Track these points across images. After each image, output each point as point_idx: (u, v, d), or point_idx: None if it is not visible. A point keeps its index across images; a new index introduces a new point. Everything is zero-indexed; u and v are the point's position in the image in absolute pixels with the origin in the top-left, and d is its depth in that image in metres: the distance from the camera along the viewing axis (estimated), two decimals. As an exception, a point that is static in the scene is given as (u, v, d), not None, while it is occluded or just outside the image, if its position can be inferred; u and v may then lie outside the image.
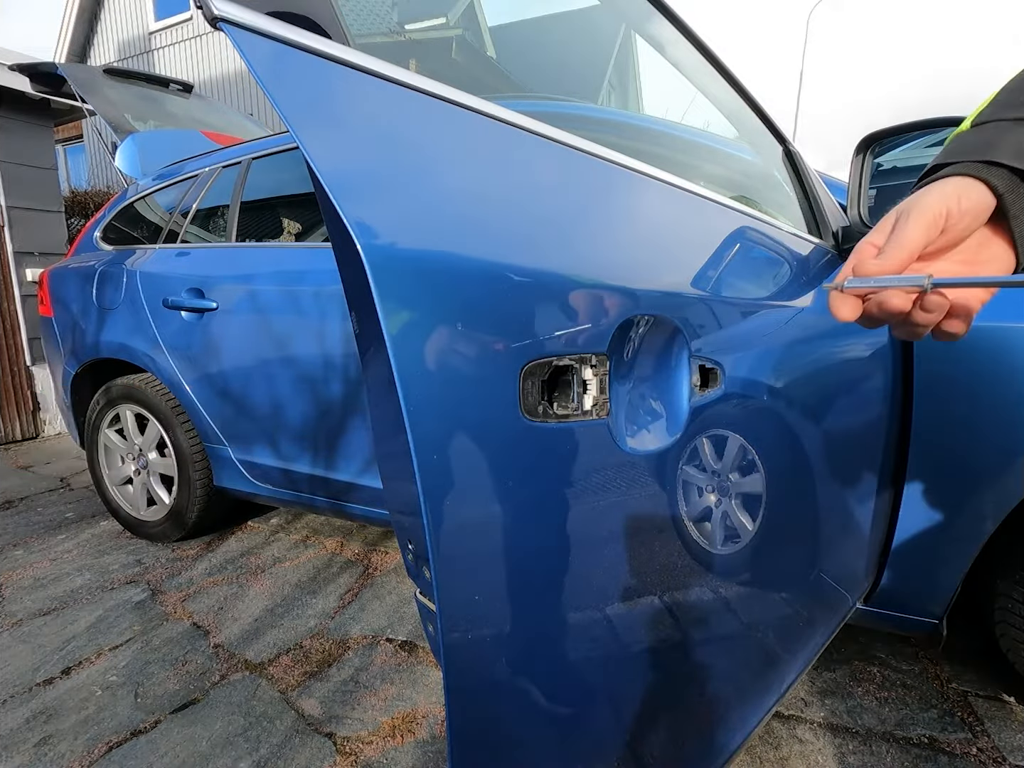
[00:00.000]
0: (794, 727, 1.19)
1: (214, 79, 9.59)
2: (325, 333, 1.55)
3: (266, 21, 0.39)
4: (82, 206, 5.68)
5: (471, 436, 0.42)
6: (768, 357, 0.79)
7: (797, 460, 0.87)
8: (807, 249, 1.04)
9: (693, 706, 0.70)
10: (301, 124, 0.38)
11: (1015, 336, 0.97)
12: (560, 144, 0.58)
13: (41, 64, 3.02)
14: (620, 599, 0.57)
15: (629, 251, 0.62)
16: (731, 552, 0.75)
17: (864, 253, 0.43)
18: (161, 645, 1.49)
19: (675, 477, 0.63)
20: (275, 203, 2.05)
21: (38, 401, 3.73)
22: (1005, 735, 1.15)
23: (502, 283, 0.45)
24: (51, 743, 1.17)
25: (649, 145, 1.08)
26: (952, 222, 0.40)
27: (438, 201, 0.44)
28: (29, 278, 3.57)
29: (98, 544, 2.12)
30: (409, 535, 0.54)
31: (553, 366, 0.48)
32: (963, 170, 0.41)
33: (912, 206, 0.41)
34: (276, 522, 2.29)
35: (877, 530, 1.09)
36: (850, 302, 0.42)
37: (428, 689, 1.31)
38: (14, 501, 2.56)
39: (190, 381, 1.86)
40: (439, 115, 0.48)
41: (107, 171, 9.67)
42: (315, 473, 1.71)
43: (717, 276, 0.73)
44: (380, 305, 0.36)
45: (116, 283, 2.03)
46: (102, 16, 10.53)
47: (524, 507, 0.46)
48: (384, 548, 2.04)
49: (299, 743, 1.16)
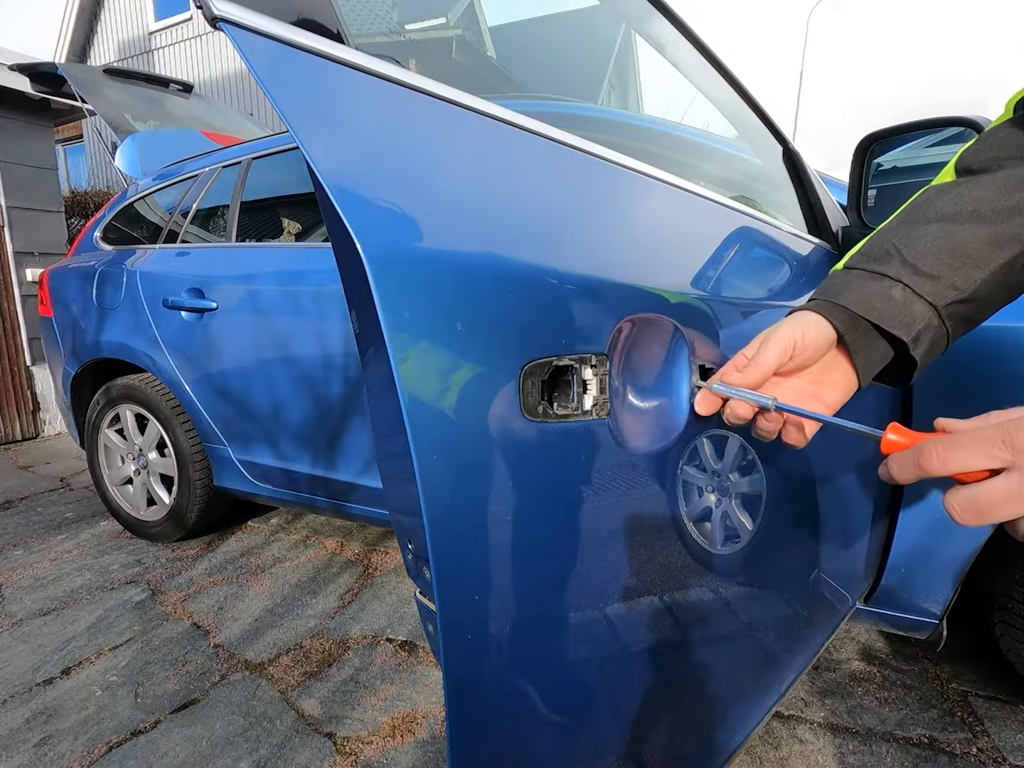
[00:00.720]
0: (794, 727, 1.19)
1: (214, 79, 9.59)
2: (325, 333, 1.55)
3: (266, 21, 0.39)
4: (82, 206, 5.68)
5: (471, 436, 0.42)
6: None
7: (797, 459, 0.87)
8: (807, 249, 1.04)
9: (693, 706, 0.70)
10: (301, 124, 0.38)
11: (1015, 335, 0.97)
12: (560, 144, 0.58)
13: (41, 64, 3.02)
14: (620, 599, 0.57)
15: (629, 251, 0.62)
16: (731, 552, 0.75)
17: (735, 363, 0.52)
18: (161, 645, 1.49)
19: (675, 477, 0.63)
20: (275, 203, 2.05)
21: (38, 401, 3.73)
22: (1005, 735, 1.15)
23: (502, 283, 0.45)
24: (51, 743, 1.17)
25: (649, 145, 1.08)
26: (798, 351, 0.49)
27: (438, 201, 0.44)
28: (29, 278, 3.57)
29: (98, 544, 2.12)
30: (409, 535, 0.54)
31: (553, 366, 0.48)
32: (816, 307, 0.51)
33: (771, 334, 0.50)
34: (276, 522, 2.29)
35: (877, 529, 1.09)
36: (710, 400, 0.53)
37: (428, 689, 1.31)
38: (14, 501, 2.56)
39: (190, 381, 1.86)
40: (439, 115, 0.48)
41: (107, 171, 9.68)
42: (315, 473, 1.71)
43: (717, 276, 0.73)
44: (380, 305, 0.36)
45: (116, 283, 2.03)
46: (102, 16, 10.53)
47: (524, 507, 0.46)
48: (384, 548, 2.04)
49: (299, 743, 1.16)
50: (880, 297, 0.49)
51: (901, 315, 0.48)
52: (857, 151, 1.13)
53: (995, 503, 0.33)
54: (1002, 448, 0.33)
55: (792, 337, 0.49)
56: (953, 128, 1.11)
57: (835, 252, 1.12)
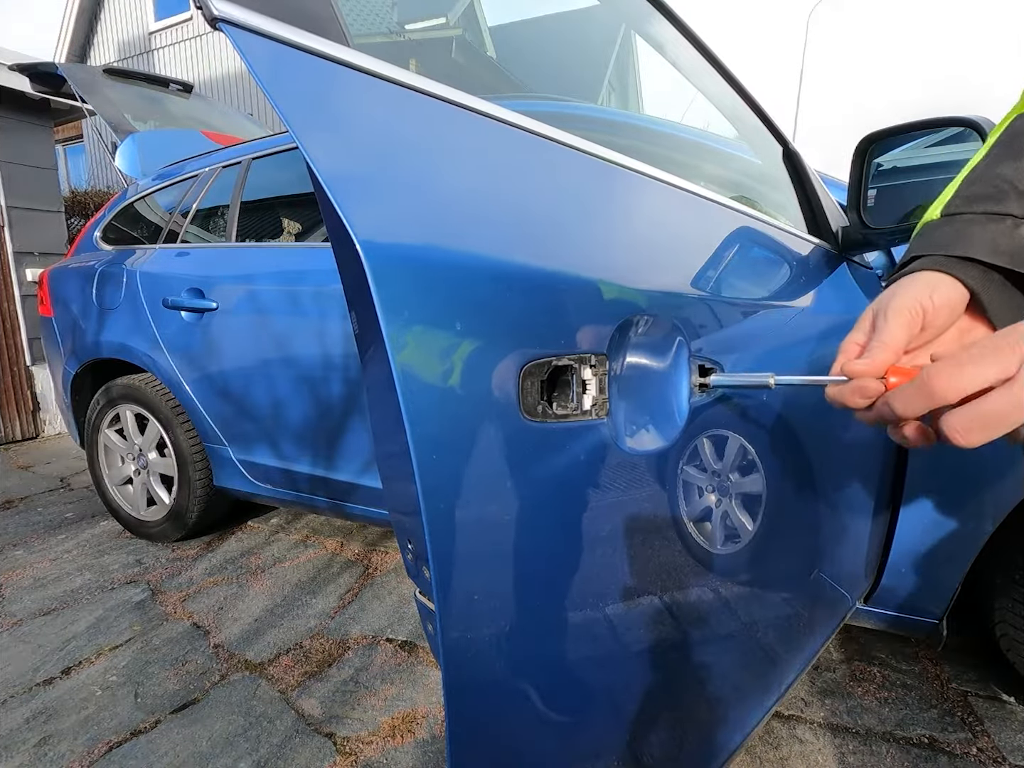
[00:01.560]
0: (794, 727, 1.19)
1: (214, 79, 9.59)
2: (325, 333, 1.55)
3: (266, 22, 0.39)
4: (82, 206, 5.68)
5: (470, 436, 0.42)
6: (768, 357, 0.79)
7: (797, 460, 0.87)
8: (807, 249, 1.04)
9: (693, 706, 0.70)
10: (301, 124, 0.38)
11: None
12: (560, 144, 0.58)
13: (41, 64, 3.02)
14: (619, 599, 0.57)
15: (628, 251, 0.62)
16: (731, 552, 0.75)
17: (848, 352, 0.43)
18: (161, 645, 1.49)
19: (675, 477, 0.63)
20: (275, 203, 2.04)
21: (38, 401, 3.73)
22: (1005, 735, 1.15)
23: (501, 283, 0.45)
24: (51, 743, 1.17)
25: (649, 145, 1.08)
26: (929, 319, 0.41)
27: (438, 201, 0.44)
28: (29, 278, 3.57)
29: (98, 544, 2.12)
30: (409, 535, 0.54)
31: (552, 366, 0.48)
32: (934, 265, 0.42)
33: (887, 305, 0.42)
34: (276, 522, 2.29)
35: (877, 529, 1.09)
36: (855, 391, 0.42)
37: (428, 689, 1.31)
38: (14, 501, 2.56)
39: (190, 381, 1.86)
40: (438, 115, 0.48)
41: (107, 171, 9.67)
42: (315, 473, 1.71)
43: (717, 276, 0.73)
44: (379, 305, 0.36)
45: (116, 283, 2.03)
46: (102, 16, 10.53)
47: (523, 507, 0.46)
48: (384, 548, 2.04)
49: (299, 743, 1.16)
50: (1008, 239, 0.41)
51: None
52: (857, 151, 1.13)
53: (1004, 414, 0.33)
54: (1011, 356, 0.32)
55: (918, 303, 0.41)
56: (953, 128, 1.11)
57: (835, 252, 1.12)
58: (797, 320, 0.88)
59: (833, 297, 1.02)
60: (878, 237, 1.07)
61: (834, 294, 1.03)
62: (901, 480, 1.08)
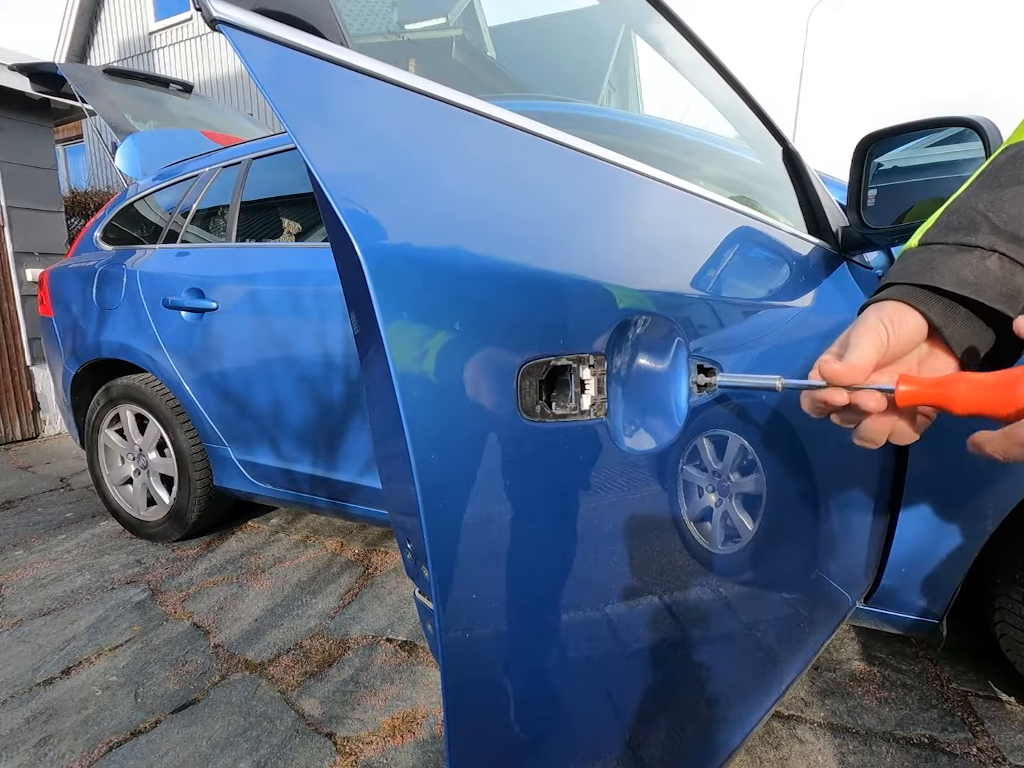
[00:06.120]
0: (794, 727, 1.19)
1: (214, 79, 9.59)
2: (325, 333, 1.55)
3: (265, 23, 0.39)
4: (82, 206, 5.68)
5: (469, 436, 0.42)
6: (767, 357, 0.79)
7: (796, 459, 0.87)
8: (807, 249, 1.04)
9: (693, 705, 0.70)
10: (300, 125, 0.38)
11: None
12: (559, 145, 0.58)
13: (41, 64, 3.02)
14: (619, 598, 0.57)
15: (627, 251, 0.62)
16: (731, 552, 0.75)
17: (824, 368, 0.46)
18: (161, 645, 1.49)
19: (674, 477, 0.63)
20: (275, 203, 2.04)
21: (38, 401, 3.73)
22: (1005, 735, 1.15)
23: (500, 283, 0.45)
24: (51, 743, 1.17)
25: (649, 145, 1.08)
26: (893, 346, 0.44)
27: (436, 202, 0.44)
28: (29, 278, 3.57)
29: (98, 544, 2.12)
30: (408, 535, 0.54)
31: (551, 366, 0.48)
32: (900, 295, 0.45)
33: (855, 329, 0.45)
34: (276, 522, 2.29)
35: (877, 529, 1.09)
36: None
37: (428, 689, 1.31)
38: (14, 501, 2.56)
39: (190, 381, 1.87)
40: (437, 116, 0.48)
41: (107, 171, 9.67)
42: (315, 473, 1.71)
43: (716, 276, 0.73)
44: (378, 305, 0.36)
45: (116, 283, 2.03)
46: (102, 16, 10.52)
47: (522, 507, 0.46)
48: (384, 548, 2.04)
49: (299, 743, 1.16)
50: (974, 270, 0.43)
51: (1001, 287, 0.42)
52: (857, 151, 1.13)
53: None
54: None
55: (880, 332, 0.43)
56: (953, 128, 1.11)
57: (835, 252, 1.12)
58: (797, 320, 0.88)
59: (833, 297, 1.02)
60: (878, 237, 1.07)
61: (834, 294, 1.03)
62: (901, 480, 1.08)
